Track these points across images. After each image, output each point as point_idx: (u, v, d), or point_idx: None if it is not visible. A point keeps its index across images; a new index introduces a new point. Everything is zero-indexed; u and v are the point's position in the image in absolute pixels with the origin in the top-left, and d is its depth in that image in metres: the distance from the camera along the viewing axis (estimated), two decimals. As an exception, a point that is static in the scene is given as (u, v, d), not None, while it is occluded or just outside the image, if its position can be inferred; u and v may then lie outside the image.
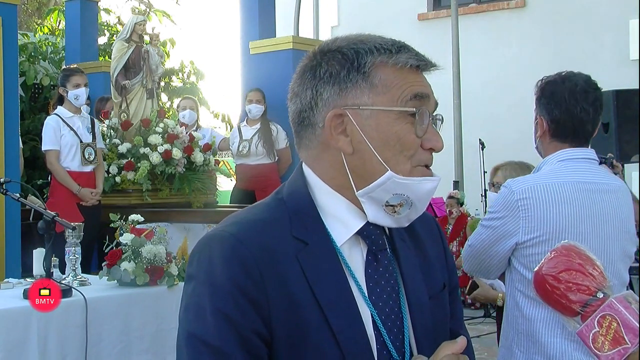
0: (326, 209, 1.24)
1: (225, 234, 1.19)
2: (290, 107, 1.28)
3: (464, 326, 1.45)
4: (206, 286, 1.16)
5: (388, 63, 1.20)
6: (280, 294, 1.15)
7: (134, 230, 3.73)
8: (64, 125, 5.55)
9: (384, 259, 1.26)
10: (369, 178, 1.20)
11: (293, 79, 1.28)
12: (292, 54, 6.97)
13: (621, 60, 9.73)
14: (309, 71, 1.25)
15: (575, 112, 2.30)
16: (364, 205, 1.22)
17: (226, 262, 1.16)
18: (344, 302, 1.19)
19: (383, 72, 1.20)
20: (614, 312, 1.17)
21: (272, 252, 1.17)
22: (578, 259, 1.23)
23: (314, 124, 1.24)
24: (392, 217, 1.22)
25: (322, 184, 1.24)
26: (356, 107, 1.20)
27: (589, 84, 2.33)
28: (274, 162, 6.79)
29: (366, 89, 1.20)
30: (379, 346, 1.20)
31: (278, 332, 1.15)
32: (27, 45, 8.26)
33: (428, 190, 1.22)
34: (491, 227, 2.33)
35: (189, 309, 1.19)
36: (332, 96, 1.21)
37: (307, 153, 1.27)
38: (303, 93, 1.25)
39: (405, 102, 1.20)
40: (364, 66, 1.20)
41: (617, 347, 1.15)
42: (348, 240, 1.23)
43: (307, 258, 1.19)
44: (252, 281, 1.14)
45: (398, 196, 1.20)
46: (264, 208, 1.26)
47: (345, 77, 1.21)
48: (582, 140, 2.34)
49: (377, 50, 1.21)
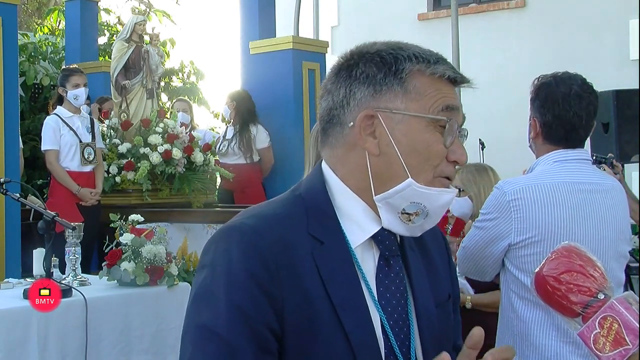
0: (343, 209, 1.24)
1: (245, 227, 1.19)
2: (320, 104, 1.29)
3: (461, 337, 1.47)
4: (222, 276, 1.16)
5: (425, 72, 1.21)
6: (295, 289, 1.15)
7: (134, 230, 3.73)
8: (63, 125, 5.55)
9: (396, 265, 1.26)
10: (389, 183, 1.20)
11: (327, 76, 1.29)
12: (292, 54, 6.97)
13: (621, 60, 9.72)
14: (344, 70, 1.25)
15: (567, 118, 2.29)
16: (380, 210, 1.22)
17: (244, 253, 1.15)
18: (356, 303, 1.19)
19: (418, 80, 1.21)
20: (615, 313, 1.17)
21: (288, 247, 1.17)
22: (579, 260, 1.23)
23: (343, 122, 1.24)
24: (406, 225, 1.22)
25: (341, 184, 1.25)
26: (388, 111, 1.21)
27: (583, 88, 2.31)
28: (252, 163, 6.80)
29: (400, 94, 1.21)
30: (386, 351, 1.21)
31: (290, 327, 1.15)
32: (27, 45, 8.26)
33: (445, 202, 1.23)
34: (484, 228, 2.33)
35: (200, 298, 1.18)
36: (366, 97, 1.22)
37: (331, 152, 1.27)
38: (336, 91, 1.25)
39: (437, 112, 1.21)
40: (401, 72, 1.21)
41: (618, 348, 1.15)
42: (362, 243, 1.23)
43: (322, 256, 1.19)
44: (268, 274, 1.14)
45: (415, 205, 1.20)
46: (282, 203, 1.26)
47: (381, 80, 1.21)
48: (574, 143, 2.33)
49: (416, 58, 1.22)
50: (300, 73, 6.95)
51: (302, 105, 6.91)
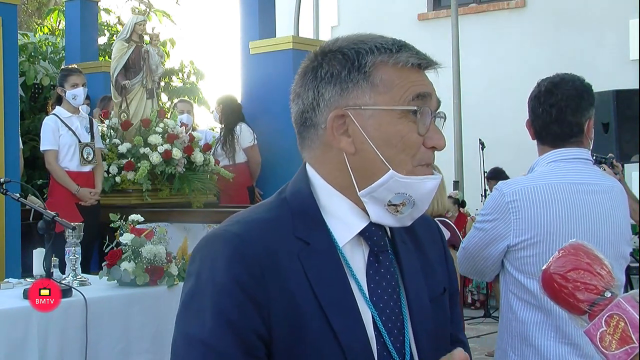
0: (329, 209, 1.24)
1: (228, 234, 1.19)
2: (292, 109, 1.29)
3: (463, 331, 1.46)
4: (208, 284, 1.16)
5: (389, 62, 1.20)
6: (281, 294, 1.15)
7: (134, 230, 3.73)
8: (62, 125, 5.55)
9: (386, 260, 1.26)
10: (371, 178, 1.20)
11: (295, 80, 1.29)
12: (292, 54, 6.97)
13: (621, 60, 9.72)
14: (310, 72, 1.25)
15: (538, 114, 2.34)
16: (367, 205, 1.22)
17: (229, 261, 1.15)
18: (344, 302, 1.19)
19: (384, 72, 1.20)
20: (621, 311, 1.16)
21: (274, 252, 1.17)
22: (586, 258, 1.23)
23: (316, 124, 1.24)
24: (394, 216, 1.22)
25: (325, 184, 1.25)
26: (358, 107, 1.20)
27: (554, 84, 2.33)
28: (236, 164, 6.84)
29: (367, 88, 1.20)
30: (379, 347, 1.20)
31: (278, 332, 1.15)
32: (27, 45, 8.26)
33: (430, 189, 1.22)
34: (483, 229, 2.32)
35: (187, 307, 1.19)
36: (334, 96, 1.21)
37: (310, 154, 1.27)
38: (305, 94, 1.25)
39: (408, 102, 1.20)
40: (365, 66, 1.20)
41: (624, 346, 1.15)
42: (350, 241, 1.23)
43: (309, 258, 1.19)
44: (254, 280, 1.14)
45: (400, 195, 1.20)
46: (267, 208, 1.26)
47: (346, 77, 1.21)
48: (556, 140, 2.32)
49: (378, 49, 1.21)
50: (300, 73, 6.95)
51: (302, 106, 6.90)
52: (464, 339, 1.41)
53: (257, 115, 7.12)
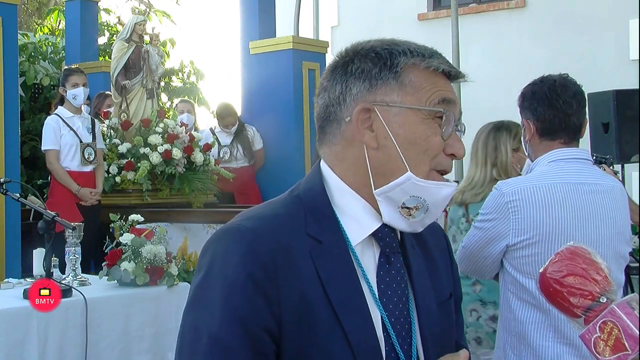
0: (342, 208, 1.24)
1: (243, 228, 1.18)
2: (317, 102, 1.29)
3: (464, 337, 1.47)
4: (219, 278, 1.16)
5: (420, 65, 1.22)
6: (293, 291, 1.15)
7: (134, 230, 3.73)
8: (63, 125, 5.56)
9: (397, 262, 1.26)
10: (389, 176, 1.20)
11: (323, 74, 1.29)
12: (292, 54, 6.97)
13: (621, 60, 9.72)
14: (340, 67, 1.26)
15: (558, 106, 2.30)
16: (380, 204, 1.22)
17: (242, 255, 1.15)
18: (355, 302, 1.19)
19: (414, 74, 1.22)
20: (615, 318, 1.17)
21: (287, 249, 1.17)
22: (582, 263, 1.23)
23: (340, 119, 1.24)
24: (407, 220, 1.22)
25: (340, 182, 1.25)
26: (384, 104, 1.21)
27: (567, 80, 2.34)
28: (250, 165, 6.91)
29: (396, 87, 1.21)
30: (387, 348, 1.20)
31: (287, 329, 1.14)
32: (27, 45, 8.25)
33: (445, 196, 1.23)
34: (482, 229, 2.33)
35: (197, 301, 1.18)
36: (362, 91, 1.22)
37: (329, 149, 1.27)
38: (332, 88, 1.25)
39: (434, 105, 1.21)
40: (396, 66, 1.22)
41: (617, 353, 1.15)
42: (362, 241, 1.23)
43: (321, 256, 1.19)
44: (266, 275, 1.14)
45: (415, 199, 1.20)
46: (280, 204, 1.26)
47: (377, 75, 1.22)
48: (570, 135, 2.32)
49: (411, 52, 1.23)
50: (300, 73, 6.95)
51: (302, 105, 6.92)
52: (465, 345, 1.42)
53: (257, 115, 7.13)
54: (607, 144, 5.32)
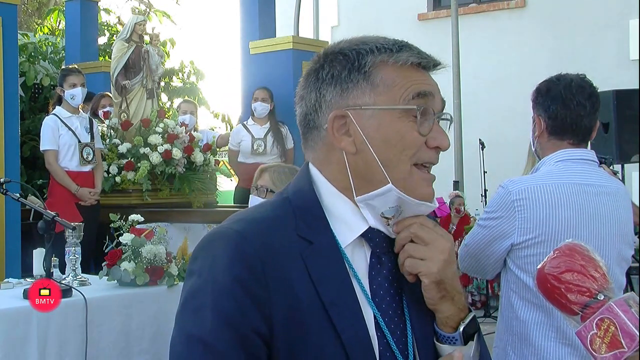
0: (331, 209, 1.23)
1: (230, 231, 1.18)
2: (297, 111, 1.29)
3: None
4: (208, 283, 1.16)
5: (388, 62, 1.20)
6: (283, 293, 1.15)
7: (134, 230, 3.73)
8: (62, 126, 5.56)
9: (388, 262, 1.26)
10: (369, 181, 1.20)
11: (299, 83, 1.29)
12: (292, 54, 6.97)
13: (621, 60, 9.73)
14: (312, 74, 1.25)
15: (572, 106, 2.28)
16: (363, 210, 1.22)
17: (230, 259, 1.15)
18: (347, 302, 1.18)
19: (384, 72, 1.20)
20: (612, 315, 1.17)
21: (276, 251, 1.17)
22: (581, 260, 1.23)
23: (318, 126, 1.24)
24: (386, 227, 1.23)
25: (328, 185, 1.24)
26: (358, 108, 1.20)
27: (584, 81, 2.33)
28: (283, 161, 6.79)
29: (367, 89, 1.20)
30: (382, 347, 1.20)
31: (279, 329, 1.14)
32: (27, 45, 8.25)
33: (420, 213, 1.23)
34: (487, 227, 2.32)
35: (188, 306, 1.18)
36: (335, 97, 1.21)
37: (313, 155, 1.27)
38: (308, 96, 1.25)
39: (408, 101, 1.19)
40: (365, 66, 1.20)
41: (613, 350, 1.15)
42: (352, 242, 1.23)
43: (312, 257, 1.18)
44: (255, 278, 1.14)
45: (394, 209, 1.20)
46: (269, 206, 1.25)
47: (347, 78, 1.20)
48: (580, 137, 2.31)
49: (378, 49, 1.20)
50: (300, 73, 6.88)
51: (302, 105, 6.89)
52: None
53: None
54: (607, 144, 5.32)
